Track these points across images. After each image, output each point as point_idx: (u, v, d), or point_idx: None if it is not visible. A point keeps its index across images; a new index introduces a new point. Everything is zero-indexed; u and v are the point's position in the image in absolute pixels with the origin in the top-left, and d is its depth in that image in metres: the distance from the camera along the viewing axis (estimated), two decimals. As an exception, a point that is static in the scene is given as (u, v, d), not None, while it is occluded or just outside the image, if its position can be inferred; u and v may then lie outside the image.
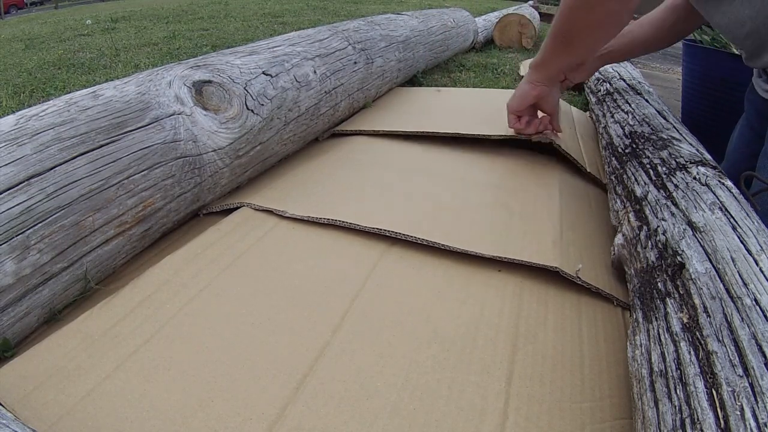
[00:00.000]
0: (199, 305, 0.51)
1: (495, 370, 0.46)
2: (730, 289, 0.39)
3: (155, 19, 3.36)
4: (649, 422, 0.35)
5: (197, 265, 0.57)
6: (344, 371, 0.45)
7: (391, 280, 0.57)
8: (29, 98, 1.40)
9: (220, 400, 0.41)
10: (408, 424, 0.40)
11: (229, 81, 0.73)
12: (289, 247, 0.62)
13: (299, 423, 0.39)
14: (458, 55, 2.06)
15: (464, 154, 0.93)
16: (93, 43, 2.36)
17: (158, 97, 0.63)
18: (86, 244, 0.52)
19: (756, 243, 0.43)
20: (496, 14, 2.95)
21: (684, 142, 0.72)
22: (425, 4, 4.43)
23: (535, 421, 0.41)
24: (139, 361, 0.44)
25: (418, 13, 1.71)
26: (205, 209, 0.71)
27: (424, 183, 0.79)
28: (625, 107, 0.98)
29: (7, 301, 0.44)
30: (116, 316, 0.49)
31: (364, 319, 0.51)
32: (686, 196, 0.55)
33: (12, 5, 12.98)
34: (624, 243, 0.59)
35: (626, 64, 1.47)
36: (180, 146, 0.62)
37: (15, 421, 0.34)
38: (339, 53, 1.03)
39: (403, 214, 0.68)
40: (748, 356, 0.32)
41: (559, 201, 0.76)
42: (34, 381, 0.41)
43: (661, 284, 0.46)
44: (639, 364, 0.41)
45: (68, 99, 0.56)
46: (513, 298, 0.55)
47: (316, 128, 0.95)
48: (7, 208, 0.44)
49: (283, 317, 0.50)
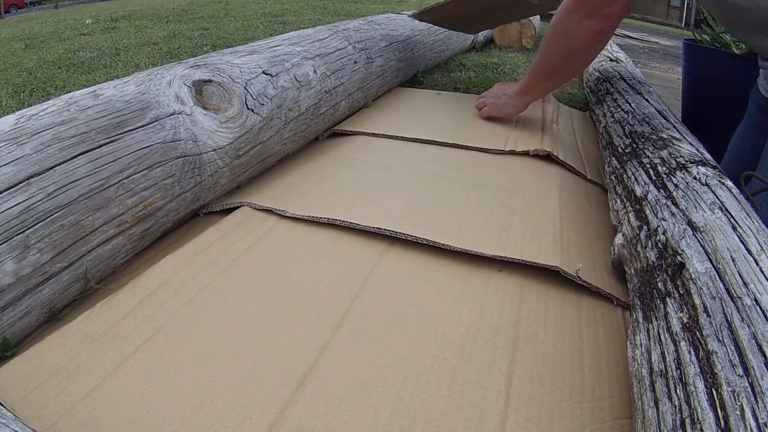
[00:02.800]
0: (199, 305, 0.51)
1: (495, 370, 0.46)
2: (730, 289, 0.39)
3: (155, 18, 3.36)
4: (649, 422, 0.35)
5: (197, 265, 0.57)
6: (344, 371, 0.45)
7: (391, 279, 0.57)
8: (29, 98, 1.40)
9: (220, 400, 0.41)
10: (408, 423, 0.40)
11: (229, 80, 0.73)
12: (289, 246, 0.62)
13: (299, 423, 0.39)
14: (458, 54, 2.06)
15: (465, 154, 0.93)
16: (93, 43, 2.36)
17: (158, 96, 0.63)
18: (86, 244, 0.51)
19: (756, 243, 0.43)
20: (496, 14, 2.94)
21: (684, 141, 0.72)
22: (425, 3, 4.43)
23: (535, 421, 0.41)
24: (139, 361, 0.44)
25: (419, 13, 1.71)
26: (205, 209, 0.71)
27: (424, 183, 0.79)
28: (626, 107, 0.98)
29: (7, 301, 0.44)
30: (116, 316, 0.49)
31: (364, 319, 0.51)
32: (686, 196, 0.55)
33: (12, 5, 12.98)
34: (624, 243, 0.59)
35: (626, 64, 1.47)
36: (180, 146, 0.62)
37: (15, 420, 0.34)
38: (339, 53, 1.03)
39: (403, 214, 0.68)
40: (748, 356, 0.32)
41: (559, 201, 0.76)
42: (34, 380, 0.41)
43: (661, 284, 0.46)
44: (639, 364, 0.41)
45: (68, 98, 0.56)
46: (513, 298, 0.55)
47: (316, 128, 0.95)
48: (7, 208, 0.44)
49: (283, 317, 0.50)
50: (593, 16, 0.75)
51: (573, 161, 0.92)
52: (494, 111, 1.05)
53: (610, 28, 0.76)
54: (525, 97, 0.97)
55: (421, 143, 0.97)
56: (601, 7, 0.74)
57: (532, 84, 0.92)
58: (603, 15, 0.74)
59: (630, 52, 4.03)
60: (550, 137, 0.99)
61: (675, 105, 1.24)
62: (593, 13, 0.75)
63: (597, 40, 0.78)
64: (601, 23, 0.75)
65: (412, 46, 1.44)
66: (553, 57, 0.85)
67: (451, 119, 1.12)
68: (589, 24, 0.76)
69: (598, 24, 0.75)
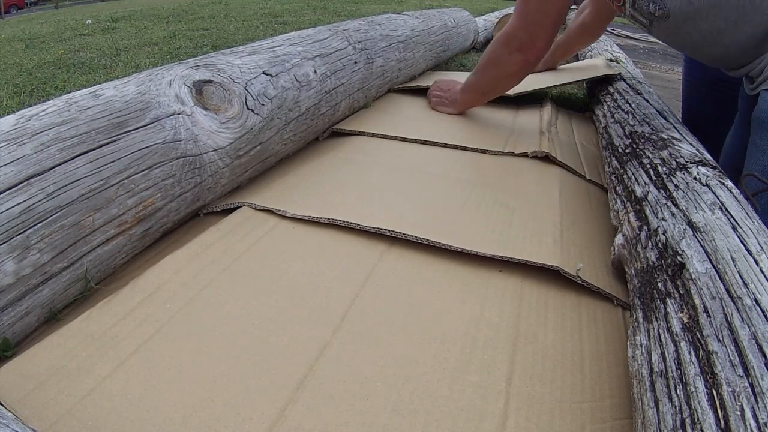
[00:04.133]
0: (199, 305, 0.51)
1: (495, 369, 0.46)
2: (730, 289, 0.39)
3: (155, 18, 3.36)
4: (649, 422, 0.35)
5: (197, 265, 0.57)
6: (344, 371, 0.45)
7: (391, 280, 0.57)
8: (29, 98, 1.40)
9: (220, 399, 0.41)
10: (408, 423, 0.40)
11: (230, 81, 0.73)
12: (289, 246, 0.62)
13: (299, 423, 0.39)
14: (458, 55, 2.06)
15: (464, 154, 0.93)
16: (93, 43, 2.36)
17: (158, 96, 0.63)
18: (86, 244, 0.52)
19: (756, 243, 0.43)
20: (496, 14, 2.95)
21: (684, 142, 0.72)
22: (425, 4, 4.43)
23: (536, 421, 0.41)
24: (139, 361, 0.44)
25: (419, 13, 1.71)
26: (205, 209, 0.71)
27: (424, 183, 0.79)
28: (626, 107, 0.98)
29: (7, 301, 0.44)
30: (116, 316, 0.49)
31: (364, 319, 0.51)
32: (686, 196, 0.55)
33: (12, 5, 12.98)
34: (624, 243, 0.59)
35: (627, 64, 1.47)
36: (180, 146, 0.62)
37: (15, 420, 0.34)
38: (339, 53, 1.03)
39: (404, 214, 0.68)
40: (749, 356, 0.32)
41: (559, 201, 0.76)
42: (35, 380, 0.41)
43: (662, 284, 0.46)
44: (639, 364, 0.41)
45: (68, 99, 0.56)
46: (513, 298, 0.55)
47: (317, 128, 0.95)
48: (7, 208, 0.44)
49: (283, 317, 0.50)
50: (521, 50, 0.91)
51: (572, 162, 0.92)
52: (436, 105, 1.20)
53: (537, 58, 0.92)
54: (461, 106, 1.14)
55: (422, 143, 0.97)
56: (527, 45, 0.90)
57: (467, 98, 1.12)
58: (529, 50, 0.91)
59: (630, 52, 4.03)
60: (548, 140, 0.99)
61: (675, 105, 1.24)
62: (521, 49, 0.91)
63: (525, 68, 0.96)
64: (527, 56, 0.92)
65: (413, 46, 1.44)
66: (488, 80, 1.04)
67: (451, 120, 1.12)
68: (517, 57, 0.93)
69: (524, 57, 0.92)
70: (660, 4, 0.75)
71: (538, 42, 0.89)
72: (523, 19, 0.90)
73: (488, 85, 1.05)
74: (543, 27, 0.88)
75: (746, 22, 0.69)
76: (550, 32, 0.89)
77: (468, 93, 1.10)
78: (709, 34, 0.74)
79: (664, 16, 0.76)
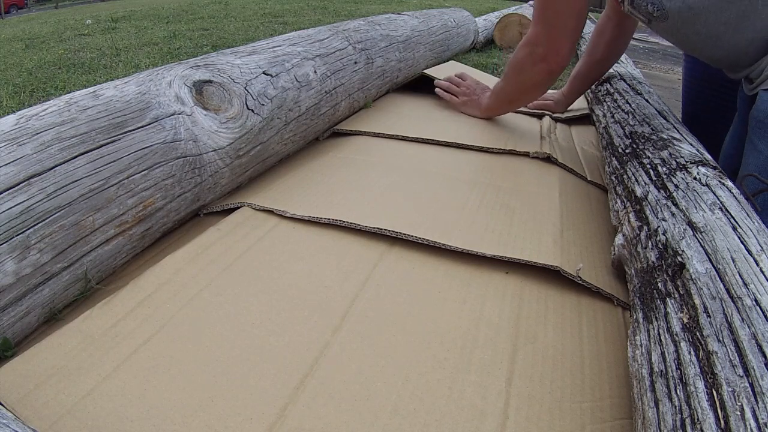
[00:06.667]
0: (199, 305, 0.51)
1: (495, 369, 0.46)
2: (730, 290, 0.39)
3: (155, 19, 3.36)
4: (649, 422, 0.35)
5: (197, 265, 0.57)
6: (344, 371, 0.45)
7: (392, 280, 0.57)
8: (29, 98, 1.40)
9: (220, 400, 0.41)
10: (408, 423, 0.40)
11: (230, 81, 0.73)
12: (289, 247, 0.62)
13: (299, 423, 0.39)
14: (459, 55, 2.06)
15: (464, 154, 0.93)
16: (93, 43, 2.36)
17: (158, 96, 0.63)
18: (86, 244, 0.52)
19: (756, 243, 0.43)
20: (496, 14, 2.95)
21: (684, 142, 0.72)
22: (426, 4, 4.43)
23: (536, 421, 0.41)
24: (139, 361, 0.44)
25: (419, 13, 1.71)
26: (205, 209, 0.71)
27: (424, 183, 0.79)
28: (626, 107, 0.98)
29: (7, 301, 0.44)
30: (116, 316, 0.49)
31: (364, 319, 0.51)
32: (686, 197, 0.55)
33: (12, 5, 12.99)
34: (624, 243, 0.59)
35: (627, 64, 1.47)
36: (180, 146, 0.62)
37: (15, 420, 0.34)
38: (339, 53, 1.03)
39: (404, 214, 0.68)
40: (749, 356, 0.32)
41: (559, 201, 0.76)
42: (35, 380, 0.41)
43: (662, 284, 0.46)
44: (639, 364, 0.41)
45: (68, 99, 0.56)
46: (513, 298, 0.55)
47: (317, 128, 0.95)
48: (7, 208, 0.44)
49: (283, 317, 0.50)
50: (544, 60, 0.90)
51: (573, 164, 0.92)
52: (461, 105, 1.19)
53: (561, 67, 0.91)
54: (486, 112, 1.13)
55: (422, 143, 0.97)
56: (551, 54, 0.89)
57: (495, 106, 1.11)
58: (552, 59, 0.89)
59: (630, 52, 4.03)
60: (548, 143, 1.00)
61: (675, 105, 1.24)
62: (544, 58, 0.89)
63: (549, 78, 0.94)
64: (551, 65, 0.90)
65: (413, 46, 1.44)
66: (512, 89, 1.03)
67: (451, 120, 1.12)
68: (541, 66, 0.91)
69: (549, 66, 0.90)
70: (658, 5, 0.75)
71: (561, 49, 0.88)
72: (543, 26, 0.88)
73: (513, 93, 1.04)
74: (564, 32, 0.86)
75: (747, 27, 0.69)
76: (573, 37, 0.87)
77: (495, 99, 1.09)
78: (708, 38, 0.74)
79: (663, 17, 0.76)
